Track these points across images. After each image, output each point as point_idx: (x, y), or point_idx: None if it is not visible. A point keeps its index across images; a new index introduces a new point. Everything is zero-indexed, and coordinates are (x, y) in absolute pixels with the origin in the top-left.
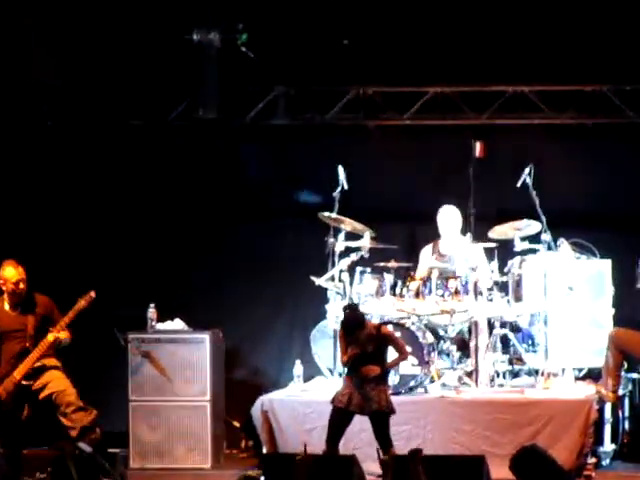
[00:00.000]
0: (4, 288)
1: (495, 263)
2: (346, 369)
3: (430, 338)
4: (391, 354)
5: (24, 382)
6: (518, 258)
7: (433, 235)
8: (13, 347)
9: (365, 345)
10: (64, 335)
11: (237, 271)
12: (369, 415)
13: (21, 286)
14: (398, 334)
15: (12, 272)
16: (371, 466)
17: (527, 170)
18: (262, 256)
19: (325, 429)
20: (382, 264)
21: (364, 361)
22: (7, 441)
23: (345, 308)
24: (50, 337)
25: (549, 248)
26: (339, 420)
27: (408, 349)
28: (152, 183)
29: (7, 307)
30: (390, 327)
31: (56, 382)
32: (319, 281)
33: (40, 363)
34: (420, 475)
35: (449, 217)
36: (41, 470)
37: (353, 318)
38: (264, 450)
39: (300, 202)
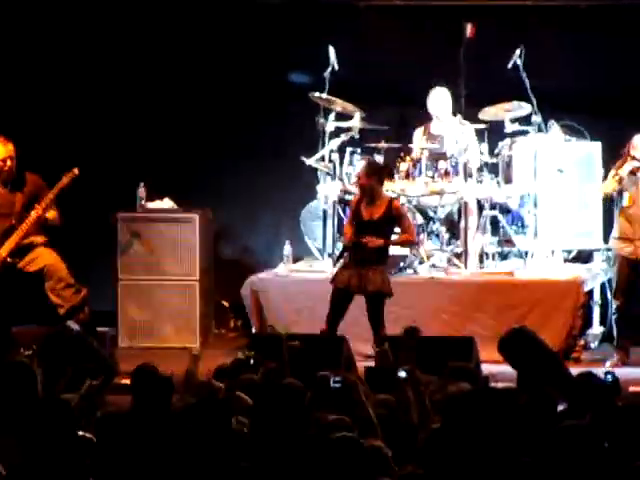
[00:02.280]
0: None
1: (485, 145)
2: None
3: (419, 219)
4: None
5: (9, 260)
6: (508, 140)
7: (424, 117)
8: (2, 225)
9: (373, 213)
10: (51, 214)
11: (227, 151)
12: (366, 295)
13: (8, 163)
14: None
15: (0, 148)
16: (360, 346)
17: (518, 52)
18: (251, 136)
19: (314, 309)
20: (372, 145)
21: (366, 231)
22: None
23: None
24: (33, 214)
25: (539, 130)
26: (340, 300)
27: None
28: (140, 58)
29: None
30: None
31: (46, 257)
32: (309, 161)
33: (28, 241)
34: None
35: (440, 99)
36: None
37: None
38: (253, 330)
39: (290, 82)
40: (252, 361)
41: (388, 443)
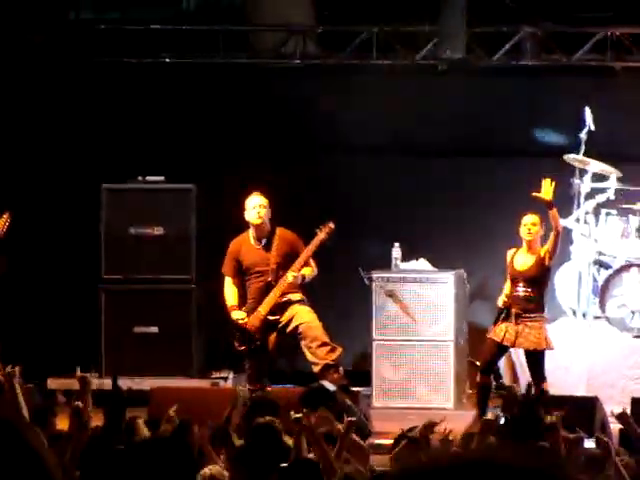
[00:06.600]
0: (247, 217)
1: None
2: None
3: None
4: None
5: (270, 317)
6: None
7: None
8: (257, 283)
9: (526, 263)
10: (307, 272)
11: (479, 209)
12: (525, 351)
13: (262, 213)
14: None
15: (254, 200)
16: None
17: None
18: (503, 194)
19: (568, 369)
20: (628, 206)
21: (519, 282)
22: (255, 377)
23: None
24: (289, 277)
25: None
26: (492, 352)
27: None
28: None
29: (252, 242)
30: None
31: (302, 315)
32: (565, 222)
33: (285, 298)
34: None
35: None
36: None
37: None
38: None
39: (543, 143)
40: (503, 420)
41: None
